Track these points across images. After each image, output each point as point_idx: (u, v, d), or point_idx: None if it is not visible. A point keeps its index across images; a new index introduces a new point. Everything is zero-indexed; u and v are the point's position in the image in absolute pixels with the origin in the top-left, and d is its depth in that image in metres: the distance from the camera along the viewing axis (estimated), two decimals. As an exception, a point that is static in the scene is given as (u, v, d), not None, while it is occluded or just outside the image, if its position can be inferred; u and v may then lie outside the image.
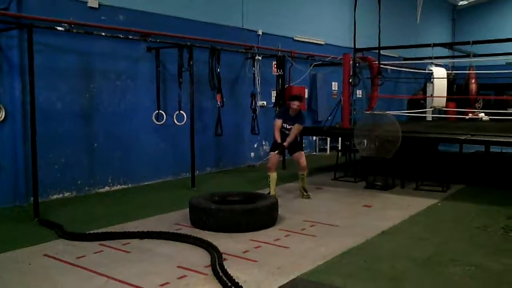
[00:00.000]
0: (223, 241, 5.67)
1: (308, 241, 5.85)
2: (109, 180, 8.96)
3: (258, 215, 6.26)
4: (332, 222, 6.68)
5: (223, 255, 5.15)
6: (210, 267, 4.84)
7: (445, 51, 18.35)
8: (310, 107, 14.35)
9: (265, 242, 5.75)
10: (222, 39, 10.81)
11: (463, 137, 8.84)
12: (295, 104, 8.02)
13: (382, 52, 11.92)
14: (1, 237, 6.05)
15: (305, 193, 8.22)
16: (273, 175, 8.05)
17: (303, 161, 8.17)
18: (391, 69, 16.35)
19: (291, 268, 4.91)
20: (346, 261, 5.17)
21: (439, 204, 7.93)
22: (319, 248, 5.57)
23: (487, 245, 5.79)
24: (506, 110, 16.97)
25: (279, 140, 8.04)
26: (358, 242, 5.78)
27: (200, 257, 5.20)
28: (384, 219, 6.85)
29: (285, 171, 10.85)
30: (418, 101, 17.67)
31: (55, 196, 8.11)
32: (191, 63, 9.07)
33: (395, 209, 7.53)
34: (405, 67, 17.14)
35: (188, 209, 6.66)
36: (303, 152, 8.38)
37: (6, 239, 5.94)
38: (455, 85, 17.73)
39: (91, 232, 6.06)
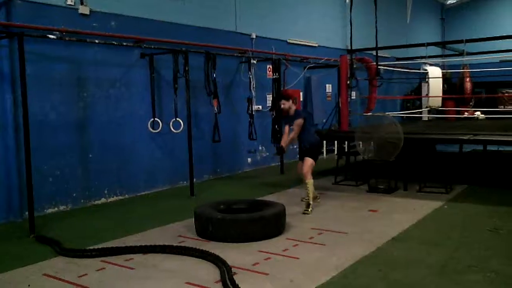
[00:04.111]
0: (231, 253, 5.47)
1: (318, 251, 5.65)
2: (105, 192, 8.69)
3: (267, 223, 6.07)
4: (340, 229, 6.49)
5: (232, 268, 4.94)
6: (220, 283, 4.63)
7: (436, 50, 18.32)
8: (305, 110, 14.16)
9: (274, 253, 5.54)
10: (216, 43, 10.59)
11: (466, 137, 8.72)
12: (282, 104, 7.80)
13: (374, 52, 11.71)
14: (-4, 256, 5.77)
15: (304, 208, 7.55)
16: (309, 182, 7.59)
17: (304, 166, 7.60)
18: (384, 69, 16.24)
19: (305, 281, 4.71)
20: (360, 271, 4.98)
21: (445, 206, 7.79)
22: (330, 258, 5.37)
23: (502, 248, 5.65)
24: (497, 108, 17.00)
25: (282, 143, 7.86)
26: (370, 250, 5.60)
27: (208, 272, 4.98)
28: (392, 224, 6.68)
29: (284, 176, 10.67)
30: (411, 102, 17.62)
31: (50, 210, 7.82)
32: (187, 68, 8.85)
33: (402, 213, 7.37)
34: (399, 67, 17.05)
35: (190, 219, 6.46)
36: (308, 158, 7.66)
37: (2, 258, 5.66)
38: (445, 84, 17.61)
39: (91, 248, 5.79)
